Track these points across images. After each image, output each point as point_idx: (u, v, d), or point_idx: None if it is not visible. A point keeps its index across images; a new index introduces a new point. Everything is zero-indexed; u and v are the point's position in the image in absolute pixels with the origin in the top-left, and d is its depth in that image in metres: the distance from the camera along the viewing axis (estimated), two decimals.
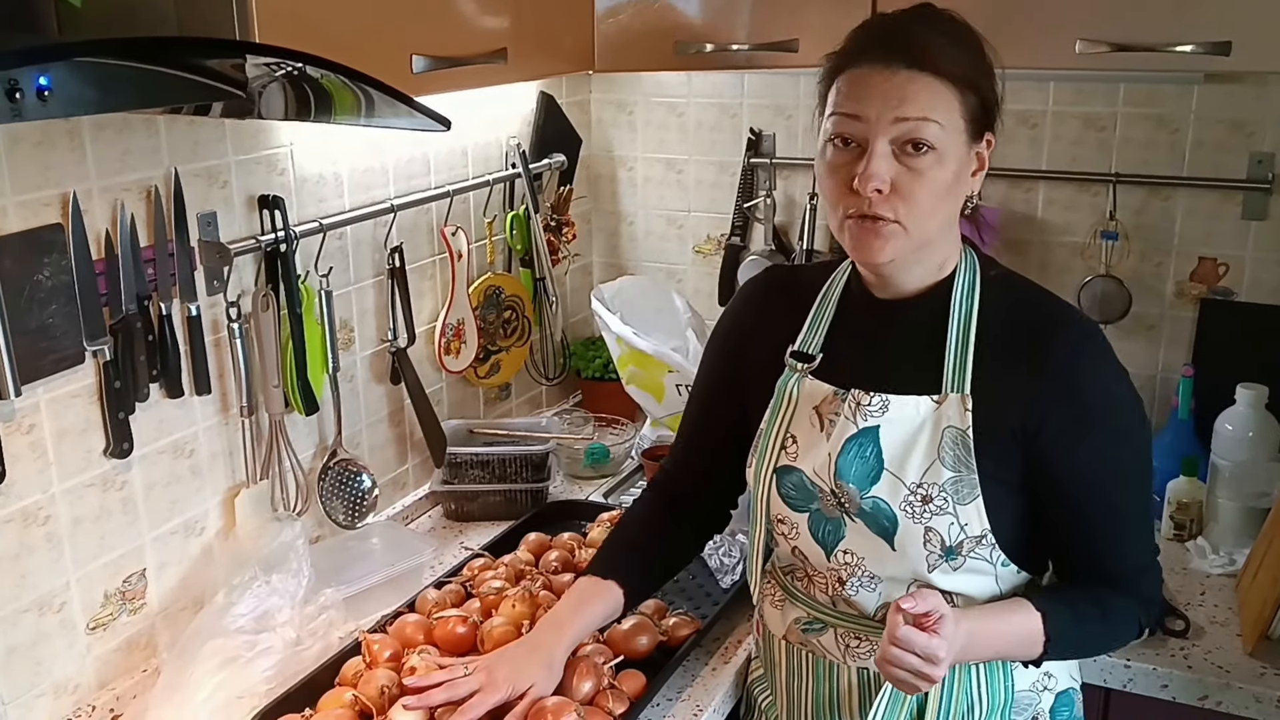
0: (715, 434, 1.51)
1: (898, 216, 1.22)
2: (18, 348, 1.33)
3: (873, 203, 1.22)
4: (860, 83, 1.22)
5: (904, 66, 1.20)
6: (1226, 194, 2.07)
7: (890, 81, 1.20)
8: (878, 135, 1.21)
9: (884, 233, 1.23)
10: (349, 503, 1.88)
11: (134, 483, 1.55)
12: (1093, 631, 1.33)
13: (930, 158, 1.21)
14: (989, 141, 1.28)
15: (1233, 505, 1.89)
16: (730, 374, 1.48)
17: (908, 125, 1.20)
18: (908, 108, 1.20)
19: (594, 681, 1.44)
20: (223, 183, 1.62)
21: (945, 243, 1.31)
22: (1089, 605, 1.31)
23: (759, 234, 2.46)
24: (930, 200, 1.23)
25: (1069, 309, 1.35)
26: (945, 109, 1.21)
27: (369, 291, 1.94)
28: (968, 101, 1.23)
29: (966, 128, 1.23)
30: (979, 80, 1.24)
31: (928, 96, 1.20)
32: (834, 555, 1.35)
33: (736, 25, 1.89)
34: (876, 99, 1.21)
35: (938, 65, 1.21)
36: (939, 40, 1.22)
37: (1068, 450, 1.27)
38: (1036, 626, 1.27)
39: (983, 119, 1.25)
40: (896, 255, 1.26)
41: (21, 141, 1.34)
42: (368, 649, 1.50)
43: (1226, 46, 1.62)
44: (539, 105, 2.30)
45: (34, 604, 1.44)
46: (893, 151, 1.21)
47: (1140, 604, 1.34)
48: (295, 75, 1.24)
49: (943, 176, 1.22)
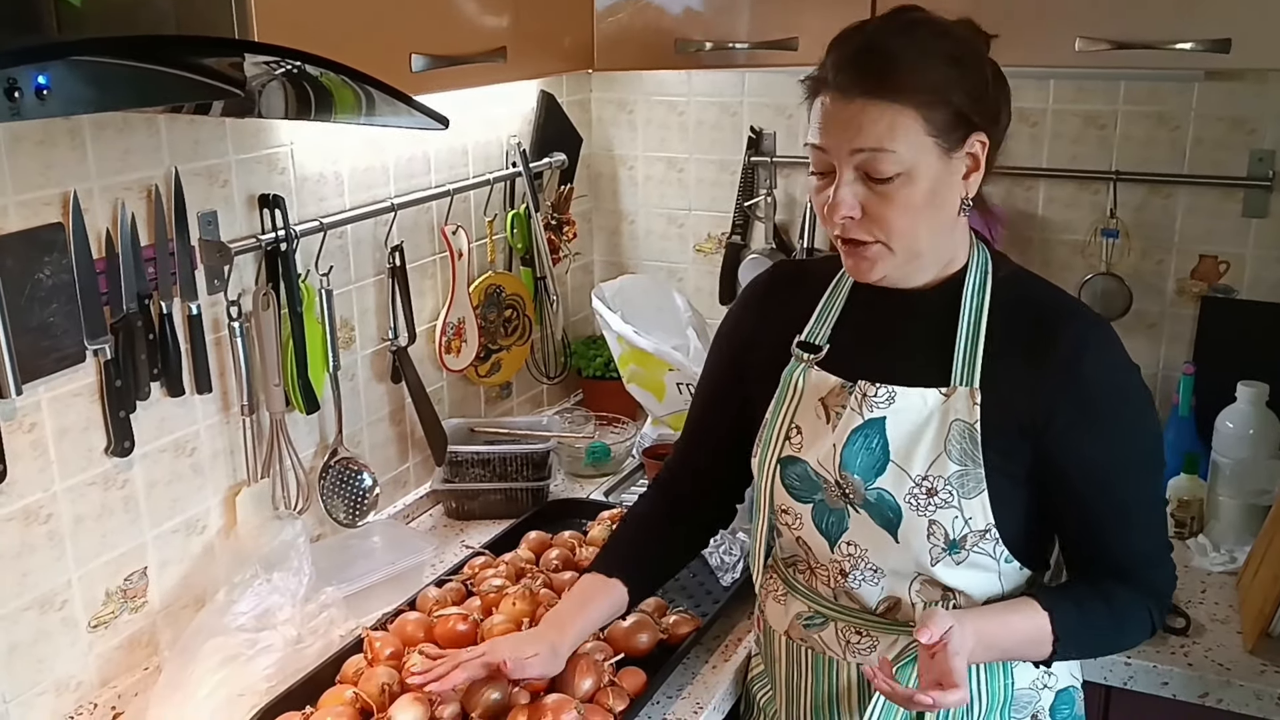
0: (719, 432, 1.51)
1: (876, 238, 1.24)
2: (19, 346, 1.33)
3: (847, 228, 1.24)
4: (824, 114, 1.23)
5: (859, 95, 1.20)
6: (1227, 191, 2.07)
7: (846, 111, 1.21)
8: (841, 165, 1.22)
9: (868, 254, 1.26)
10: (350, 501, 1.88)
11: (135, 481, 1.55)
12: (1102, 629, 1.33)
13: (897, 181, 1.21)
14: (981, 142, 1.25)
15: (1233, 503, 1.89)
16: (734, 371, 1.48)
17: (863, 155, 1.21)
18: (863, 138, 1.20)
19: (594, 679, 1.44)
20: (223, 182, 1.62)
21: (946, 245, 1.31)
22: (1097, 602, 1.31)
23: (759, 232, 2.46)
24: (905, 219, 1.23)
25: (1077, 304, 1.36)
26: (903, 133, 1.19)
27: (369, 290, 1.94)
28: (934, 117, 1.20)
29: (937, 142, 1.21)
30: (948, 90, 1.21)
31: (884, 124, 1.19)
32: (837, 546, 1.35)
33: (736, 24, 1.89)
34: (835, 130, 1.22)
35: (896, 88, 1.19)
36: (904, 59, 1.20)
37: (1076, 444, 1.27)
38: (1044, 625, 1.27)
39: (961, 125, 1.22)
40: (887, 273, 1.28)
41: (23, 141, 1.35)
42: (370, 646, 1.50)
43: (1226, 44, 1.62)
44: (539, 104, 2.30)
45: (36, 602, 1.44)
46: (860, 177, 1.22)
47: (1152, 599, 1.34)
48: (294, 74, 1.24)
49: (913, 195, 1.22)
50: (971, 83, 1.23)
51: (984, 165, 1.26)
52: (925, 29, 1.23)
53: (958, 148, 1.23)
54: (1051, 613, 1.27)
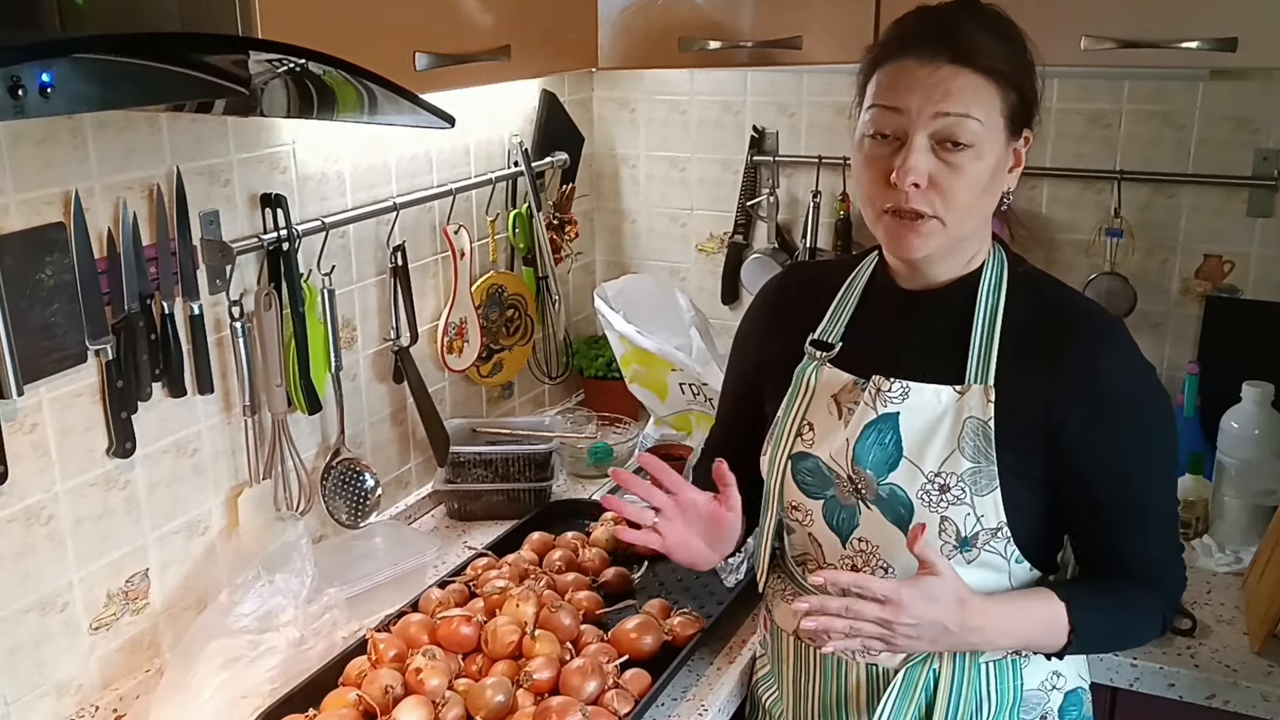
0: (741, 438, 1.50)
1: (935, 212, 1.22)
2: (20, 347, 1.32)
3: (910, 197, 1.22)
4: (901, 75, 1.22)
5: (947, 61, 1.20)
6: (1232, 191, 2.06)
7: (933, 76, 1.20)
8: (917, 129, 1.20)
9: (922, 230, 1.23)
10: (352, 502, 1.87)
11: (136, 482, 1.55)
12: (1118, 622, 1.32)
13: (969, 154, 1.21)
14: (1027, 139, 1.27)
15: (1239, 503, 1.88)
16: (753, 376, 1.48)
17: (948, 120, 1.20)
18: (949, 103, 1.19)
19: (599, 681, 1.43)
20: (225, 181, 1.62)
21: (978, 238, 1.31)
22: (1112, 597, 1.31)
23: (762, 232, 2.45)
24: (968, 196, 1.22)
25: (1093, 305, 1.36)
26: (986, 106, 1.21)
27: (371, 290, 1.94)
28: (1008, 98, 1.22)
29: (1006, 125, 1.23)
30: (1020, 77, 1.24)
31: (970, 92, 1.20)
32: (849, 543, 1.34)
33: (740, 22, 1.89)
34: (918, 92, 1.20)
35: (981, 61, 1.20)
36: (983, 35, 1.22)
37: (1091, 444, 1.27)
38: (1061, 614, 1.27)
39: (1022, 116, 1.25)
40: (932, 251, 1.26)
41: (24, 140, 1.34)
42: (373, 647, 1.50)
43: (1232, 43, 1.62)
44: (541, 103, 2.30)
45: (37, 604, 1.44)
46: (931, 146, 1.21)
47: (1164, 598, 1.34)
48: (298, 72, 1.23)
49: (981, 172, 1.22)
50: (1033, 78, 1.26)
51: (1023, 164, 1.28)
52: (998, 16, 1.25)
53: (1015, 137, 1.26)
54: (1069, 604, 1.27)
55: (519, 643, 1.52)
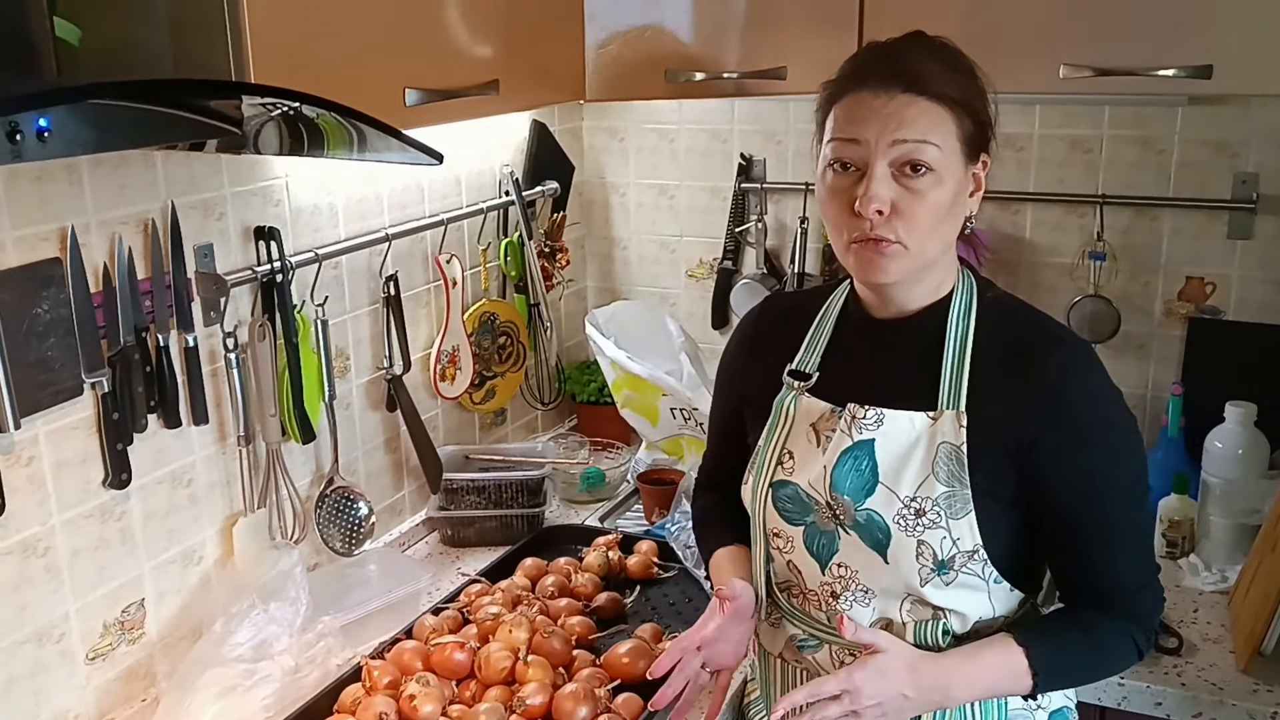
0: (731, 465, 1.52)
1: (899, 238, 1.25)
2: (17, 381, 1.34)
3: (874, 224, 1.24)
4: (858, 107, 1.25)
5: (901, 90, 1.23)
6: (1212, 214, 2.09)
7: (888, 105, 1.23)
8: (877, 158, 1.23)
9: (888, 253, 1.26)
10: (346, 530, 1.89)
11: (132, 513, 1.56)
12: (1083, 659, 1.33)
13: (929, 179, 1.24)
14: (984, 163, 1.31)
15: (1224, 522, 1.90)
16: (736, 407, 1.50)
17: (906, 147, 1.23)
18: (906, 130, 1.23)
19: (591, 706, 1.45)
20: (219, 215, 1.64)
21: (944, 264, 1.33)
22: (1077, 633, 1.32)
23: (751, 258, 2.48)
24: (930, 220, 1.25)
25: (1061, 329, 1.37)
26: (942, 131, 1.24)
27: (364, 320, 1.96)
28: (963, 124, 1.25)
29: (963, 149, 1.26)
30: (973, 103, 1.27)
31: (925, 119, 1.23)
32: (828, 569, 1.36)
33: (726, 54, 1.92)
34: (874, 122, 1.23)
35: (933, 88, 1.23)
36: (933, 65, 1.25)
37: (1060, 467, 1.28)
38: (1019, 663, 1.28)
39: (978, 141, 1.28)
40: (901, 276, 1.28)
41: (20, 177, 1.36)
42: (368, 674, 1.51)
43: (1208, 70, 1.65)
44: (531, 133, 2.32)
45: (33, 635, 1.45)
46: (892, 174, 1.24)
47: (1136, 624, 1.35)
48: (290, 114, 1.25)
49: (942, 197, 1.25)
50: (985, 103, 1.29)
51: (983, 188, 1.31)
52: (946, 47, 1.29)
53: (973, 161, 1.28)
54: (1027, 649, 1.28)
55: (512, 668, 1.53)
